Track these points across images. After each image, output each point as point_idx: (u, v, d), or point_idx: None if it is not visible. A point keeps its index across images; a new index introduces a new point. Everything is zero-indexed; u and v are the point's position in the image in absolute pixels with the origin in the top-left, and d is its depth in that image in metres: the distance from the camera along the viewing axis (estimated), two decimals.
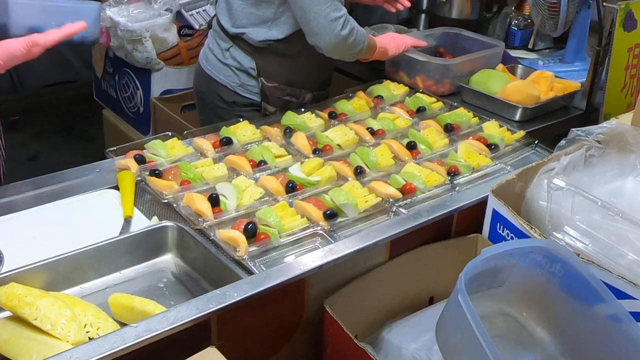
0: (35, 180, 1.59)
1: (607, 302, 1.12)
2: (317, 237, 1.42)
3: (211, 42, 2.05)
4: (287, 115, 1.87)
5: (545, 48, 2.71)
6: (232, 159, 1.65)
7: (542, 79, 2.16)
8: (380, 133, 1.82)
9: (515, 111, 2.03)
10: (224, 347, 1.07)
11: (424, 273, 1.47)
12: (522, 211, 1.40)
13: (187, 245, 1.39)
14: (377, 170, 1.66)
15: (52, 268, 1.28)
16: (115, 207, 1.50)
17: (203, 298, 1.17)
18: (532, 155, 1.81)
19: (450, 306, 1.09)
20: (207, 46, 2.08)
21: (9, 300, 1.13)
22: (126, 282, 1.35)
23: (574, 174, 1.40)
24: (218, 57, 2.00)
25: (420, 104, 2.00)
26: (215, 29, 2.02)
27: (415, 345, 1.27)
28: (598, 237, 1.24)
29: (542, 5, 2.28)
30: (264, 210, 1.43)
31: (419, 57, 2.17)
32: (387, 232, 1.40)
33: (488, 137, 1.81)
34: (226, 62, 1.98)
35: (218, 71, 2.01)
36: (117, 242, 1.36)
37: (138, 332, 1.08)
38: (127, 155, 1.65)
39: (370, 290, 1.39)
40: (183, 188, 1.53)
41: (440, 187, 1.60)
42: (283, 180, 1.57)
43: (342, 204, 1.47)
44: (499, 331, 1.26)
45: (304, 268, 1.27)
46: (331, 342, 1.31)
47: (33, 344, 1.11)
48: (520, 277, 1.21)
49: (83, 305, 1.20)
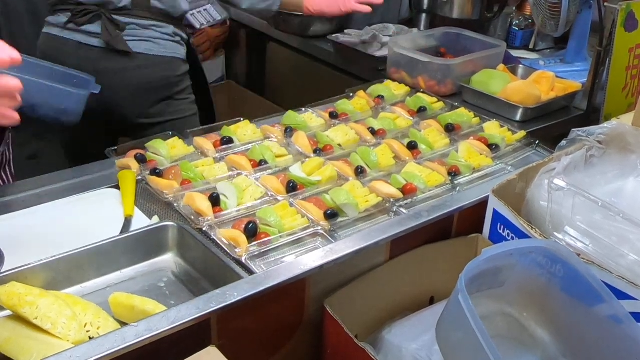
0: (35, 179, 1.59)
1: (607, 303, 1.11)
2: (318, 237, 1.42)
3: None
4: (288, 115, 1.88)
5: (546, 48, 2.72)
6: (233, 158, 1.65)
7: (543, 79, 2.16)
8: (381, 133, 1.82)
9: (516, 111, 2.03)
10: (225, 346, 1.07)
11: (424, 273, 1.47)
12: (522, 211, 1.40)
13: (188, 244, 1.39)
14: (378, 170, 1.66)
15: (53, 267, 1.28)
16: (115, 206, 1.50)
17: (203, 298, 1.16)
18: (532, 156, 1.80)
19: (450, 306, 1.08)
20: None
21: (9, 299, 1.13)
22: (126, 281, 1.35)
23: (574, 175, 1.40)
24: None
25: (421, 104, 2.00)
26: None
27: (415, 345, 1.27)
28: (599, 237, 1.24)
29: (543, 5, 2.28)
30: (265, 210, 1.43)
31: (421, 58, 2.17)
32: (387, 232, 1.40)
33: (489, 137, 1.81)
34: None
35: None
36: (118, 242, 1.36)
37: (138, 332, 1.08)
38: (127, 155, 1.65)
39: (371, 290, 1.39)
40: (184, 187, 1.53)
41: (441, 187, 1.60)
42: (284, 180, 1.57)
43: (343, 204, 1.47)
44: (500, 331, 1.25)
45: (305, 268, 1.27)
46: (331, 342, 1.31)
47: (33, 343, 1.11)
48: (520, 277, 1.21)
49: (83, 304, 1.20)
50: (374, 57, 2.44)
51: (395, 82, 2.18)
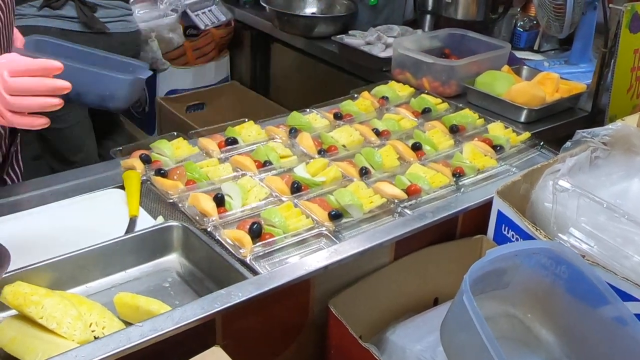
0: (40, 179, 1.59)
1: (612, 304, 1.11)
2: (322, 237, 1.42)
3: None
4: (292, 116, 1.88)
5: (551, 49, 2.71)
6: (238, 159, 1.65)
7: (547, 81, 2.16)
8: (386, 134, 1.82)
9: (521, 112, 2.03)
10: (229, 346, 1.07)
11: (428, 274, 1.47)
12: (527, 213, 1.39)
13: (192, 245, 1.40)
14: (382, 171, 1.66)
15: (58, 267, 1.28)
16: (120, 206, 1.51)
17: (208, 298, 1.17)
18: (537, 157, 1.80)
19: (454, 307, 1.08)
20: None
21: (14, 298, 1.14)
22: (131, 281, 1.35)
23: (579, 176, 1.40)
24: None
25: (426, 105, 2.00)
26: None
27: (419, 346, 1.27)
28: (603, 239, 1.24)
29: (548, 6, 2.28)
30: (269, 211, 1.43)
31: (426, 59, 2.17)
32: (392, 233, 1.40)
33: (493, 138, 1.81)
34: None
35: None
36: (123, 242, 1.36)
37: (143, 332, 1.08)
38: (132, 155, 1.66)
39: (375, 291, 1.39)
40: (188, 188, 1.53)
41: (446, 188, 1.60)
42: (288, 181, 1.57)
43: (347, 205, 1.47)
44: (504, 332, 1.25)
45: (309, 268, 1.27)
46: (336, 343, 1.31)
47: (39, 342, 1.11)
48: (525, 278, 1.21)
49: (88, 304, 1.20)
50: (378, 58, 2.44)
51: (399, 83, 2.18)
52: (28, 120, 1.13)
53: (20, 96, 1.10)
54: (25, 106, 1.11)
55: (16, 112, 1.12)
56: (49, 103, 1.11)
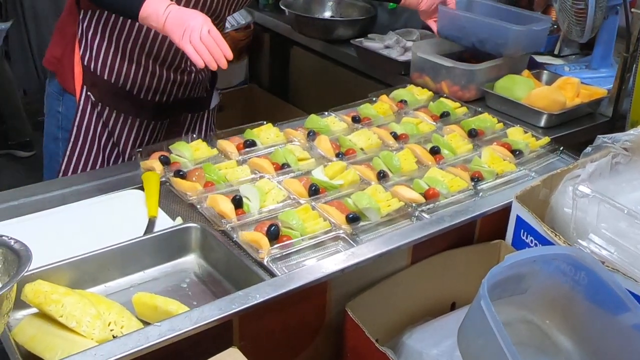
0: (62, 179, 1.62)
1: (632, 311, 1.10)
2: (340, 240, 1.42)
3: None
4: (311, 119, 1.88)
5: (572, 54, 2.69)
6: (256, 161, 1.66)
7: (568, 85, 2.14)
8: (404, 137, 1.82)
9: (541, 117, 2.02)
10: (246, 348, 1.08)
11: (446, 278, 1.46)
12: (546, 218, 1.39)
13: (210, 246, 1.40)
14: (400, 174, 1.65)
15: (78, 266, 1.30)
16: (140, 207, 1.52)
17: (226, 299, 1.17)
18: (557, 162, 1.79)
19: (472, 312, 1.08)
20: None
21: (35, 297, 1.15)
22: (150, 281, 1.36)
23: (599, 181, 1.38)
24: None
25: (444, 109, 1.99)
26: None
27: (436, 350, 1.27)
28: (624, 245, 1.23)
29: (569, 11, 2.26)
30: (287, 213, 1.44)
31: (445, 63, 2.16)
32: (409, 237, 1.40)
33: (512, 143, 1.80)
34: None
35: None
36: (142, 242, 1.38)
37: (161, 331, 1.09)
38: (152, 157, 1.67)
39: (392, 295, 1.39)
40: (207, 189, 1.54)
41: (464, 193, 1.59)
42: (306, 183, 1.57)
43: (365, 208, 1.47)
44: (522, 338, 1.25)
45: (326, 271, 1.27)
46: (352, 346, 1.31)
47: (58, 340, 1.13)
48: (543, 284, 1.20)
49: (107, 303, 1.21)
50: (397, 62, 2.43)
51: (418, 87, 2.18)
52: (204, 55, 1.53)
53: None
54: (210, 44, 1.52)
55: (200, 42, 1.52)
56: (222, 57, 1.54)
